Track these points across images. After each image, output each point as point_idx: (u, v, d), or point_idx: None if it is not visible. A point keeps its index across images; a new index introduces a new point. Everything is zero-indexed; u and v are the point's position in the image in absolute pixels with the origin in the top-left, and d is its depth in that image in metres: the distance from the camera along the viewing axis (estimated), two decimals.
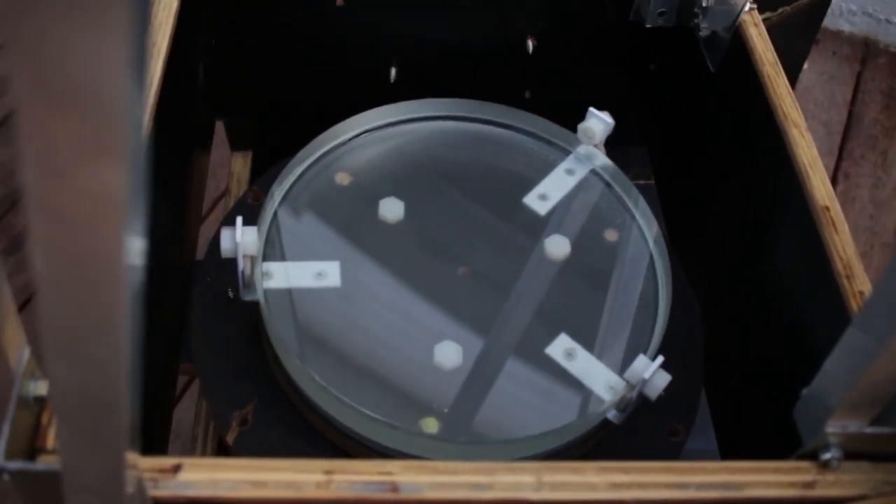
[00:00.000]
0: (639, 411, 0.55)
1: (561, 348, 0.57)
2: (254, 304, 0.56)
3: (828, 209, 0.54)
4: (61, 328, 0.29)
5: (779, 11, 0.72)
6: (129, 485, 0.37)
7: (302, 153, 0.64)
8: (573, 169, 0.67)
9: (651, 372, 0.52)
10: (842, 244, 0.52)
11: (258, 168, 0.87)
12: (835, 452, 0.43)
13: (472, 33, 0.79)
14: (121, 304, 0.28)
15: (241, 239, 0.54)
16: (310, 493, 0.41)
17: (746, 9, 0.66)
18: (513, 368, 0.56)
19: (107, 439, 0.34)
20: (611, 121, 0.65)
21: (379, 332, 0.57)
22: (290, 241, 0.61)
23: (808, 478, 0.43)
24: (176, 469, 0.40)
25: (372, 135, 0.68)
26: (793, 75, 0.73)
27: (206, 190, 0.83)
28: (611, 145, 0.67)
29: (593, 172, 0.67)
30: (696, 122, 0.76)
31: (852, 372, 0.40)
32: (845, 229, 0.53)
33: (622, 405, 0.54)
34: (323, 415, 0.54)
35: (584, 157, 0.67)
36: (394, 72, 0.79)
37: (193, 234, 0.75)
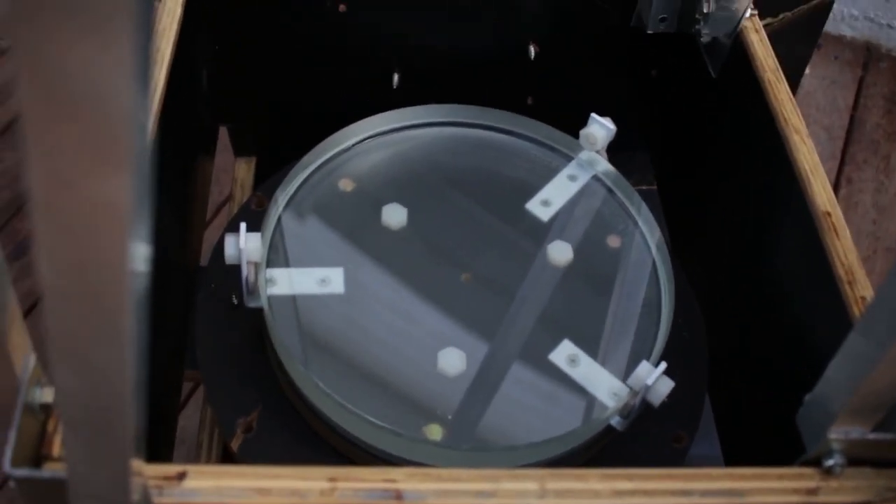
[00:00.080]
0: (642, 418, 0.55)
1: (564, 355, 0.57)
2: (258, 311, 0.56)
3: (829, 215, 0.54)
4: (67, 335, 0.29)
5: (780, 17, 0.72)
6: (135, 492, 0.37)
7: (305, 159, 0.64)
8: (575, 175, 0.67)
9: (654, 378, 0.52)
10: (843, 250, 0.52)
11: (262, 174, 0.88)
12: (838, 459, 0.43)
13: (474, 39, 0.79)
14: (125, 310, 0.28)
15: (245, 245, 0.54)
16: (314, 501, 0.41)
17: (747, 15, 0.66)
18: (516, 375, 0.56)
19: (112, 446, 0.34)
20: (613, 126, 0.65)
21: (382, 338, 0.57)
22: (294, 248, 0.61)
23: (811, 484, 0.43)
24: (181, 476, 0.40)
25: (375, 141, 0.68)
26: (794, 80, 0.73)
27: (210, 196, 0.83)
28: (613, 151, 0.67)
29: (595, 178, 0.67)
30: (697, 128, 0.77)
31: (854, 378, 0.40)
32: (847, 235, 0.53)
33: (625, 412, 0.54)
34: (327, 421, 0.54)
35: (587, 163, 0.67)
36: (396, 78, 0.80)
37: (197, 240, 0.75)
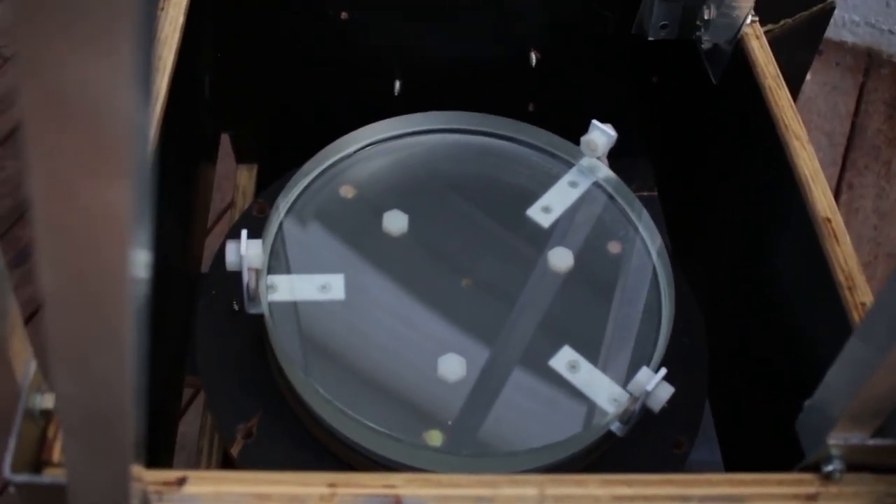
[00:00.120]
0: (642, 423, 0.55)
1: (564, 360, 0.57)
2: (258, 317, 0.56)
3: (829, 221, 0.54)
4: (67, 342, 0.29)
5: (780, 24, 0.72)
6: (134, 497, 0.37)
7: (307, 166, 0.64)
8: (576, 181, 0.67)
9: (654, 384, 0.52)
10: (843, 256, 0.52)
11: (263, 181, 0.88)
12: (837, 464, 0.43)
13: (475, 46, 0.79)
14: (126, 317, 0.28)
15: (246, 252, 0.54)
16: None
17: (748, 21, 0.66)
18: (516, 381, 0.57)
19: (112, 452, 0.34)
20: (613, 133, 0.65)
21: (383, 344, 0.57)
22: (295, 254, 0.61)
23: (810, 490, 0.43)
24: (181, 482, 0.40)
25: (376, 147, 0.68)
26: (795, 86, 0.73)
27: (212, 202, 0.83)
28: (614, 157, 0.67)
29: (596, 185, 0.67)
30: (698, 134, 0.77)
31: (854, 383, 0.40)
32: (847, 241, 0.53)
33: (625, 417, 0.54)
34: (327, 427, 0.54)
35: (588, 170, 0.67)
36: (398, 85, 0.80)
37: (199, 246, 0.75)
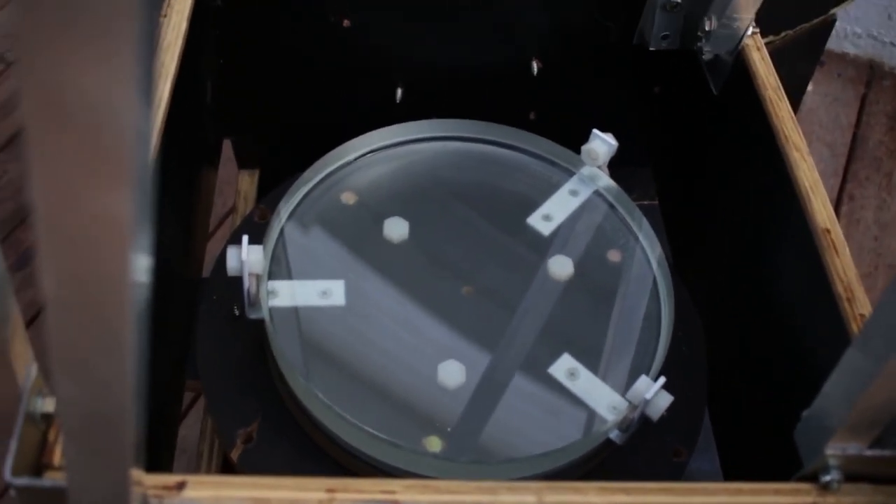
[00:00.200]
0: (642, 432, 0.55)
1: (564, 368, 0.57)
2: (259, 322, 0.57)
3: (829, 232, 0.54)
4: (68, 346, 0.30)
5: (782, 35, 0.72)
6: (134, 501, 0.37)
7: (308, 172, 0.65)
8: (577, 190, 0.67)
9: (653, 392, 0.53)
10: (843, 267, 0.52)
11: (265, 186, 0.88)
12: (835, 474, 0.43)
13: (477, 55, 0.80)
14: (127, 322, 0.28)
15: (247, 258, 0.54)
16: None
17: (749, 33, 0.67)
18: (516, 388, 0.57)
19: (112, 456, 0.34)
20: (614, 142, 0.65)
21: (383, 350, 0.57)
22: (296, 260, 0.61)
23: (807, 500, 0.43)
24: (180, 486, 0.41)
25: (377, 154, 0.68)
26: (796, 98, 0.74)
27: (214, 207, 0.83)
28: (614, 166, 0.67)
29: (597, 193, 0.67)
30: (699, 144, 0.77)
31: (851, 393, 0.40)
32: (846, 252, 0.53)
33: (624, 425, 0.54)
34: (327, 433, 0.54)
35: (588, 178, 0.68)
36: (399, 92, 0.80)
37: (200, 251, 0.76)
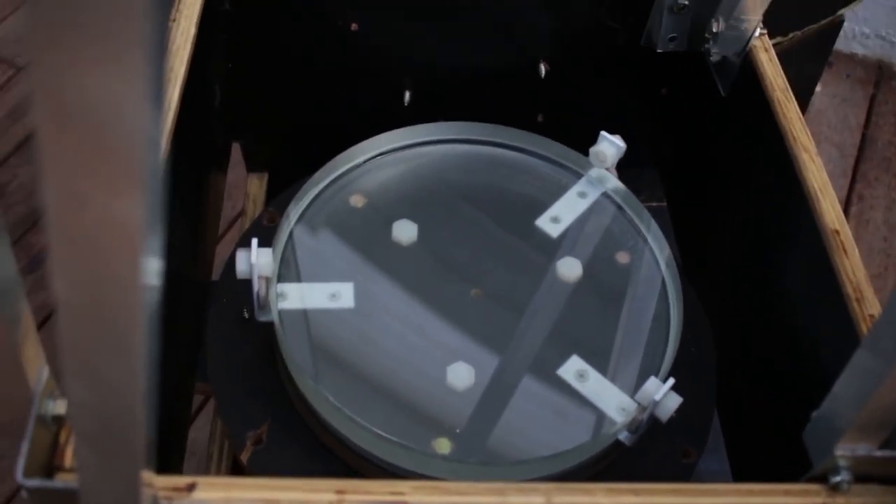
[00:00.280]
0: (651, 433, 0.55)
1: (573, 370, 0.57)
2: (268, 325, 0.57)
3: (837, 233, 0.54)
4: (79, 349, 0.30)
5: (790, 36, 0.72)
6: (145, 503, 0.37)
7: (317, 175, 0.65)
8: (585, 192, 0.67)
9: (662, 394, 0.53)
10: (852, 268, 0.52)
11: (274, 189, 0.88)
12: (844, 475, 0.43)
13: (485, 57, 0.80)
14: (137, 324, 0.28)
15: (257, 260, 0.54)
16: None
17: (757, 34, 0.67)
18: (525, 390, 0.57)
19: (123, 458, 0.35)
20: (622, 144, 0.65)
21: (392, 352, 0.58)
22: (305, 263, 0.61)
23: (817, 500, 0.43)
24: (190, 488, 0.41)
25: (386, 157, 0.68)
26: (804, 99, 0.74)
27: (223, 211, 0.83)
28: (622, 168, 0.67)
29: (605, 195, 0.67)
30: (707, 146, 0.77)
31: (861, 394, 0.40)
32: (855, 253, 0.53)
33: (633, 427, 0.54)
34: (336, 435, 0.54)
35: (596, 180, 0.68)
36: (408, 95, 0.80)
37: (209, 254, 0.76)
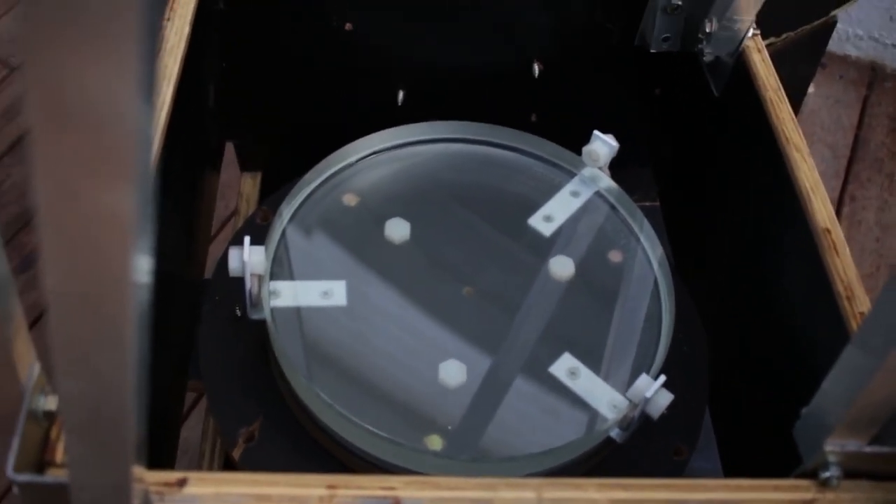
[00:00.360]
0: (643, 431, 0.55)
1: (564, 367, 0.58)
2: (261, 323, 0.57)
3: (829, 231, 0.54)
4: (70, 342, 0.30)
5: (782, 37, 0.73)
6: (136, 498, 0.37)
7: (310, 174, 0.65)
8: (578, 191, 0.67)
9: (654, 391, 0.53)
10: (843, 266, 0.52)
11: (267, 189, 0.88)
12: (834, 471, 0.43)
13: (479, 57, 0.80)
14: (128, 321, 0.29)
15: (249, 258, 0.54)
16: None
17: (750, 35, 0.67)
18: (516, 387, 0.57)
19: (114, 453, 0.35)
20: (615, 143, 0.66)
21: (384, 350, 0.58)
22: (298, 261, 0.61)
23: (807, 496, 0.44)
24: (181, 483, 0.41)
25: (379, 156, 0.68)
26: (797, 99, 0.74)
27: (216, 210, 0.84)
28: (615, 167, 0.67)
29: (598, 194, 0.67)
30: (700, 146, 0.77)
31: (850, 390, 0.40)
32: (846, 251, 0.53)
33: (625, 424, 0.54)
34: (329, 432, 0.54)
35: (589, 180, 0.68)
36: (401, 95, 0.80)
37: (202, 252, 0.76)
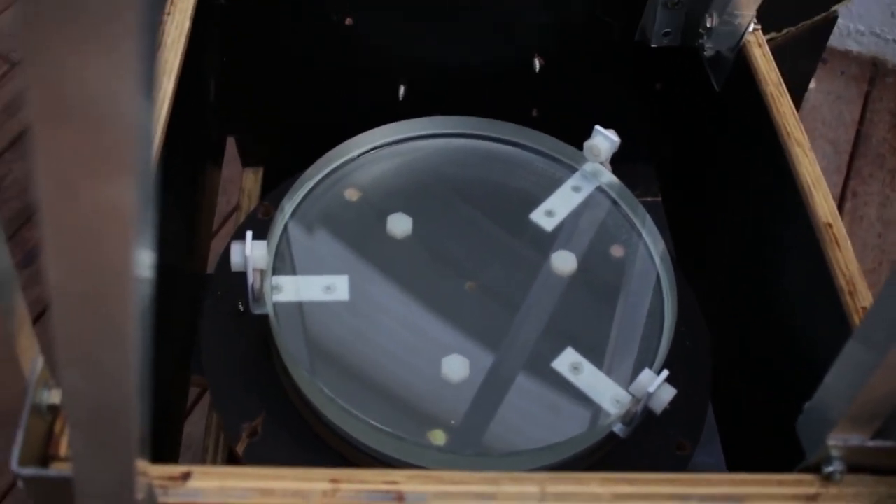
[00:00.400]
0: (646, 425, 0.55)
1: (567, 362, 0.58)
2: (263, 318, 0.57)
3: (830, 226, 0.54)
4: (73, 338, 0.30)
5: (783, 32, 0.72)
6: (140, 492, 0.37)
7: (312, 169, 0.65)
8: (579, 186, 0.67)
9: (656, 386, 0.53)
10: (844, 261, 0.52)
11: (269, 184, 0.88)
12: (837, 465, 0.43)
13: (480, 52, 0.80)
14: (130, 315, 0.29)
15: (251, 253, 0.54)
16: (316, 502, 0.41)
17: (751, 29, 0.67)
18: (519, 382, 0.57)
19: (118, 447, 0.35)
20: (616, 138, 0.66)
21: (387, 345, 0.58)
22: (300, 256, 0.61)
23: (810, 490, 0.44)
24: (185, 477, 0.41)
25: (381, 151, 0.68)
26: (798, 94, 0.74)
27: (218, 205, 0.84)
28: (617, 162, 0.67)
29: (599, 189, 0.67)
30: (701, 140, 0.77)
31: (853, 385, 0.40)
32: (848, 246, 0.53)
33: (628, 419, 0.54)
34: (332, 427, 0.54)
35: (591, 175, 0.68)
36: (402, 89, 0.80)
37: (205, 248, 0.76)
